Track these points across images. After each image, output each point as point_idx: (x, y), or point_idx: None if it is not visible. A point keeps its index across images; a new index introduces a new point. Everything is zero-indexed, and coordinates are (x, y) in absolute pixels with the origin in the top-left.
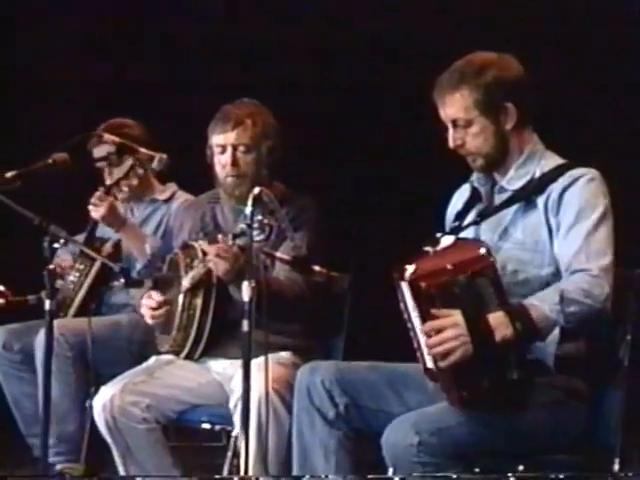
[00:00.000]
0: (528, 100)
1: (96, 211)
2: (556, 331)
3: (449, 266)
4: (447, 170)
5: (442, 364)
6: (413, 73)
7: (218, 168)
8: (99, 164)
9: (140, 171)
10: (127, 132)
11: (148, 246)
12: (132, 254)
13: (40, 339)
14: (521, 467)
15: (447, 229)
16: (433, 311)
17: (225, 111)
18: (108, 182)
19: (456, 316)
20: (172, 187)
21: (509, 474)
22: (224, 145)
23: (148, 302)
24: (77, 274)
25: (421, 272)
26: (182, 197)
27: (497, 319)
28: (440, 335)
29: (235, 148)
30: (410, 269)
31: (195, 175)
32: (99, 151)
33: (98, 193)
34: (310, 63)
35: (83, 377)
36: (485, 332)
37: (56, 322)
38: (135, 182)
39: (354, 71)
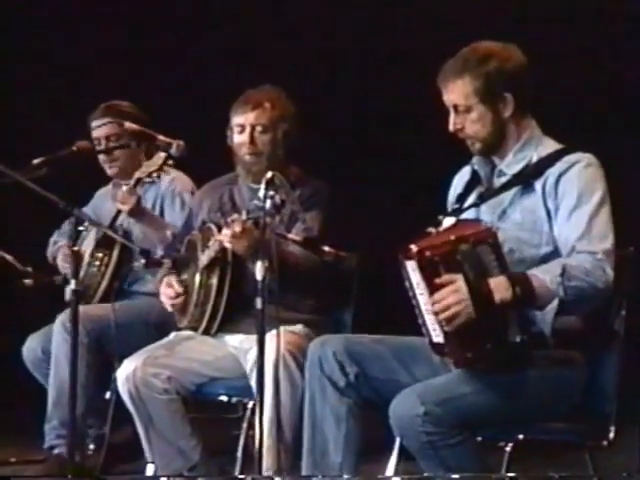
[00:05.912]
0: (527, 90)
1: (124, 205)
2: (555, 302)
3: (452, 237)
4: (449, 155)
5: (448, 328)
6: (418, 55)
7: (237, 147)
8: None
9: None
10: (136, 115)
11: (169, 232)
12: (153, 241)
13: (58, 322)
14: (521, 436)
15: (448, 211)
16: (437, 281)
17: (247, 94)
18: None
19: (458, 282)
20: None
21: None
22: (243, 125)
23: (167, 292)
24: (98, 263)
25: (425, 245)
26: (171, 173)
27: (498, 282)
28: (443, 302)
29: (253, 128)
30: (415, 245)
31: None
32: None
33: (126, 188)
34: (316, 45)
35: (94, 365)
36: (485, 295)
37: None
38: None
39: (358, 52)
